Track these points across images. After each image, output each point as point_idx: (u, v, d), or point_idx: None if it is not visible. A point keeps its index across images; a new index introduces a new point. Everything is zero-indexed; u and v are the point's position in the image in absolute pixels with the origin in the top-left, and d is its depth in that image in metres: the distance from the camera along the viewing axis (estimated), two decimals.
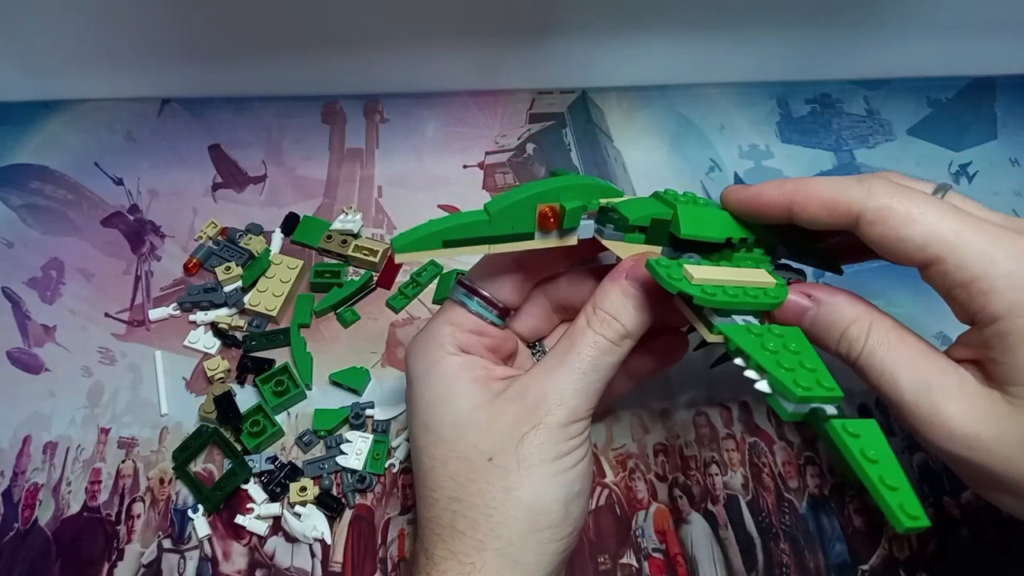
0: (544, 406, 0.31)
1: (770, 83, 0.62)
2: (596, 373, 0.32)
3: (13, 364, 0.47)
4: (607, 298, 0.32)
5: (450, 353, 0.33)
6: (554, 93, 0.61)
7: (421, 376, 0.34)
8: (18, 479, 0.43)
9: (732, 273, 0.32)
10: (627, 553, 0.41)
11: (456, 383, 0.33)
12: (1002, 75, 0.63)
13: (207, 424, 0.44)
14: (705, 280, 0.30)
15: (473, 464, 0.31)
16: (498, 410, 0.32)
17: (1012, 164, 0.59)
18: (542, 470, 0.31)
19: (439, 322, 0.35)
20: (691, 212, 0.33)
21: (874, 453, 0.25)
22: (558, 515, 0.31)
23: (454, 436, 0.32)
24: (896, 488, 0.25)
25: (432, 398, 0.33)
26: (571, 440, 0.31)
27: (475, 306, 0.35)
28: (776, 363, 0.28)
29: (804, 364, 0.28)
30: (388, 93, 0.61)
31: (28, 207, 0.55)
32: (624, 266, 0.33)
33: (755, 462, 0.44)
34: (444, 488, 0.31)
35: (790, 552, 0.41)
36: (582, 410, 0.32)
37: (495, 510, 0.30)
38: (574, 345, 0.32)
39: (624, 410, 0.46)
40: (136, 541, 0.41)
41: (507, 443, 0.31)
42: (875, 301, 0.52)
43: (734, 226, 0.34)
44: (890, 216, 0.29)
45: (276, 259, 0.50)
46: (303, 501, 0.41)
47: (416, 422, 0.33)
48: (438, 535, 0.31)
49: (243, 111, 0.60)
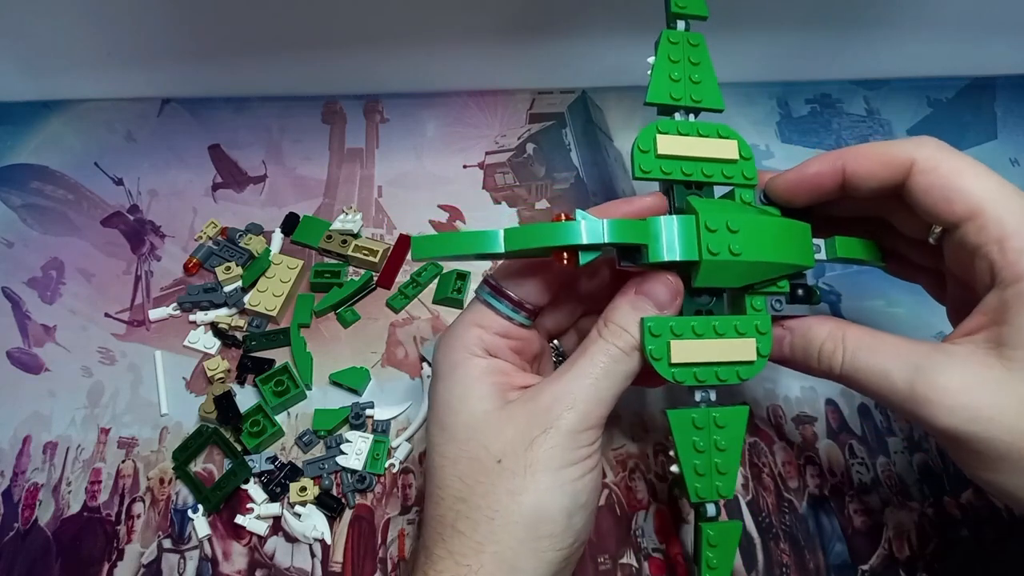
0: (556, 410, 0.31)
1: (770, 83, 0.62)
2: (608, 380, 0.32)
3: (13, 364, 0.47)
4: (618, 311, 0.33)
5: (475, 356, 0.33)
6: (554, 93, 0.61)
7: (446, 375, 0.33)
8: (18, 479, 0.43)
9: (717, 350, 0.33)
10: (627, 553, 0.41)
11: (475, 386, 0.33)
12: (1002, 75, 0.63)
13: (207, 424, 0.44)
14: (682, 362, 0.32)
15: (482, 465, 0.31)
16: (511, 413, 0.32)
17: (1012, 164, 0.59)
18: (548, 477, 0.30)
19: (466, 323, 0.34)
20: (714, 266, 0.32)
21: (716, 562, 0.34)
22: (560, 524, 0.30)
23: (466, 436, 0.32)
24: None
25: (450, 397, 0.33)
26: (581, 449, 0.31)
27: (503, 308, 0.34)
28: (694, 470, 0.33)
29: (719, 468, 0.33)
30: (388, 93, 0.61)
31: (28, 207, 0.55)
32: (632, 283, 0.33)
33: (755, 462, 0.44)
34: (451, 487, 0.31)
35: (790, 552, 0.41)
36: (594, 416, 0.31)
37: (497, 513, 0.30)
38: (586, 353, 0.32)
39: (624, 410, 0.46)
40: (136, 541, 0.41)
41: (517, 446, 0.31)
42: (875, 301, 0.52)
43: (758, 271, 0.33)
44: (940, 165, 0.31)
45: (276, 259, 0.50)
46: (303, 501, 0.41)
47: (433, 419, 0.34)
48: (439, 533, 0.31)
49: (243, 111, 0.60)
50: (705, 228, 0.31)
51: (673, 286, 0.33)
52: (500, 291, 0.34)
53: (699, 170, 0.35)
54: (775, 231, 0.33)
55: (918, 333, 0.50)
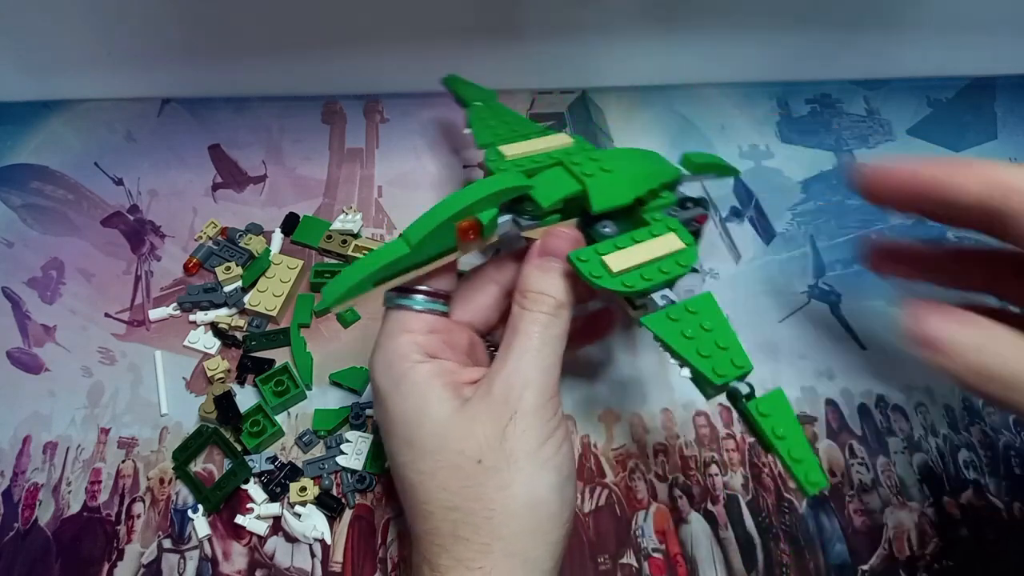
0: (513, 394, 0.31)
1: (770, 83, 0.62)
2: (547, 347, 0.33)
3: (13, 364, 0.47)
4: (530, 279, 0.34)
5: (417, 362, 0.33)
6: (554, 93, 0.61)
7: (390, 392, 0.33)
8: (18, 479, 0.43)
9: (646, 250, 0.34)
10: (627, 553, 0.41)
11: (428, 393, 0.32)
12: (1002, 75, 0.63)
13: (207, 424, 0.44)
14: (623, 269, 0.33)
15: (463, 470, 0.31)
16: (473, 411, 0.32)
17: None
18: (530, 461, 0.31)
19: (392, 334, 0.34)
20: (599, 185, 0.35)
21: (782, 431, 0.29)
22: (555, 503, 0.31)
23: (437, 446, 0.31)
24: (801, 460, 0.28)
25: (407, 412, 0.32)
26: (549, 422, 0.32)
27: (419, 303, 0.35)
28: (696, 352, 0.31)
29: (719, 344, 0.31)
30: (388, 93, 0.61)
31: (28, 207, 0.55)
32: (534, 248, 0.35)
33: (755, 462, 0.44)
34: (437, 500, 0.31)
35: (790, 552, 0.41)
36: (549, 387, 0.32)
37: (494, 511, 0.30)
38: (517, 331, 0.33)
39: (624, 410, 0.46)
40: (136, 541, 0.41)
41: (491, 441, 0.31)
42: (875, 301, 0.52)
43: (639, 183, 0.37)
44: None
45: (276, 259, 0.50)
46: (303, 501, 0.41)
47: (394, 439, 0.33)
48: (439, 545, 0.31)
49: (243, 111, 0.60)
50: (574, 165, 0.37)
51: (568, 234, 0.35)
52: (407, 289, 0.35)
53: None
54: (630, 152, 0.39)
55: None
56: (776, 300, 0.51)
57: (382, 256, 0.32)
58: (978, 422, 0.46)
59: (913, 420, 0.46)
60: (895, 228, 0.55)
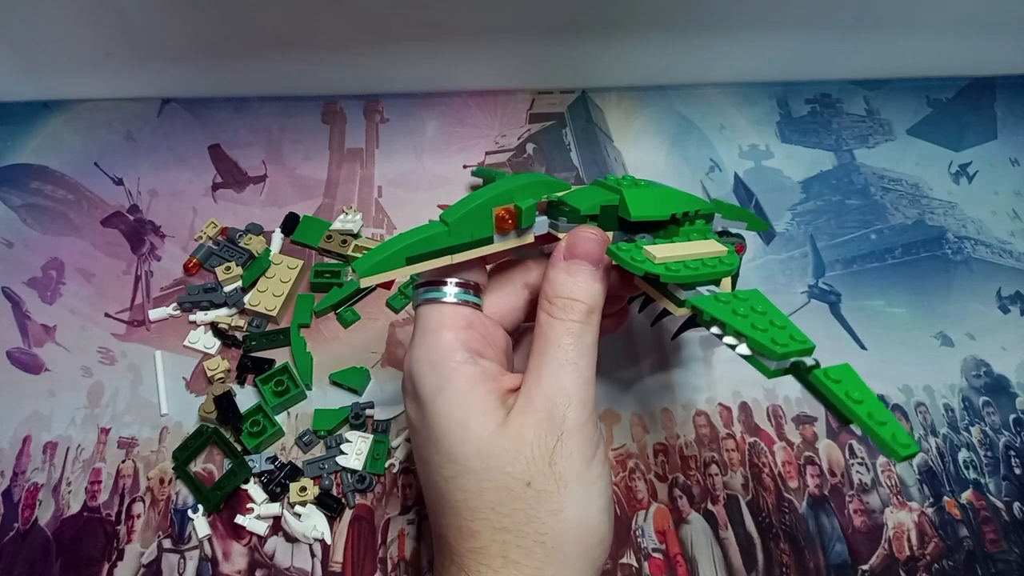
0: (558, 411, 0.30)
1: (770, 83, 0.62)
2: (584, 359, 0.31)
3: (13, 364, 0.47)
4: (557, 284, 0.32)
5: (461, 362, 0.31)
6: (554, 93, 0.61)
7: (433, 398, 0.31)
8: (18, 479, 0.43)
9: (688, 248, 0.33)
10: (627, 553, 0.41)
11: (472, 403, 0.31)
12: (1002, 75, 0.63)
13: (207, 424, 0.44)
14: (666, 258, 0.31)
15: (512, 492, 0.30)
16: (518, 429, 0.30)
17: (1012, 164, 0.59)
18: (580, 483, 0.30)
19: (431, 331, 0.32)
20: (637, 195, 0.35)
21: (858, 394, 0.27)
22: (605, 525, 0.31)
23: (482, 466, 0.30)
24: (885, 422, 0.26)
25: (449, 424, 0.31)
26: (592, 439, 0.31)
27: (455, 294, 0.33)
28: (751, 326, 0.29)
29: (775, 323, 0.29)
30: (388, 93, 0.61)
31: (28, 207, 0.55)
32: (559, 249, 0.33)
33: (755, 462, 0.44)
34: (486, 519, 0.30)
35: (790, 552, 0.41)
36: (589, 402, 0.31)
37: (546, 536, 0.29)
38: (548, 340, 0.31)
39: (624, 410, 0.46)
40: (136, 541, 0.41)
41: (540, 464, 0.30)
42: (875, 301, 0.52)
43: (677, 202, 0.36)
44: None
45: (276, 259, 0.50)
46: (303, 501, 0.41)
47: (434, 449, 0.31)
48: (487, 565, 0.30)
49: (243, 111, 0.60)
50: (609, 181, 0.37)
51: (596, 235, 0.33)
52: (438, 282, 0.33)
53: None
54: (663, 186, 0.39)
55: (918, 333, 0.50)
56: (776, 300, 0.50)
57: (419, 232, 0.32)
58: (978, 422, 0.46)
59: (913, 420, 0.46)
60: (895, 228, 0.55)
